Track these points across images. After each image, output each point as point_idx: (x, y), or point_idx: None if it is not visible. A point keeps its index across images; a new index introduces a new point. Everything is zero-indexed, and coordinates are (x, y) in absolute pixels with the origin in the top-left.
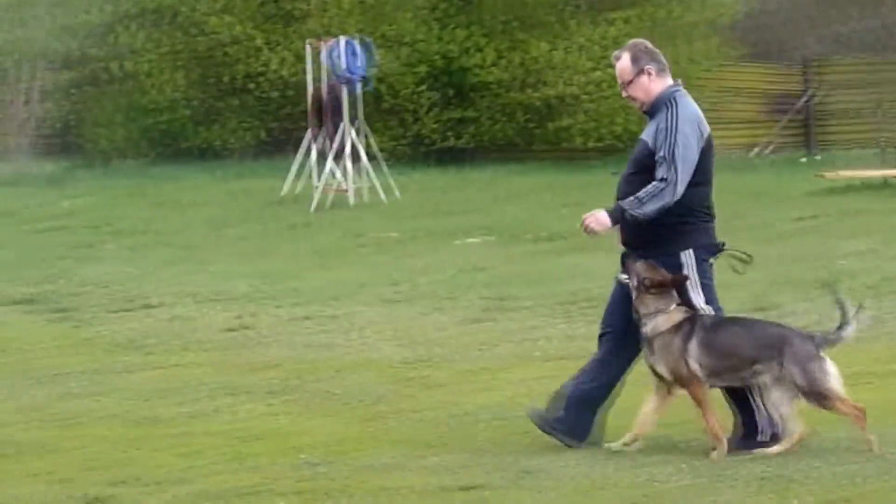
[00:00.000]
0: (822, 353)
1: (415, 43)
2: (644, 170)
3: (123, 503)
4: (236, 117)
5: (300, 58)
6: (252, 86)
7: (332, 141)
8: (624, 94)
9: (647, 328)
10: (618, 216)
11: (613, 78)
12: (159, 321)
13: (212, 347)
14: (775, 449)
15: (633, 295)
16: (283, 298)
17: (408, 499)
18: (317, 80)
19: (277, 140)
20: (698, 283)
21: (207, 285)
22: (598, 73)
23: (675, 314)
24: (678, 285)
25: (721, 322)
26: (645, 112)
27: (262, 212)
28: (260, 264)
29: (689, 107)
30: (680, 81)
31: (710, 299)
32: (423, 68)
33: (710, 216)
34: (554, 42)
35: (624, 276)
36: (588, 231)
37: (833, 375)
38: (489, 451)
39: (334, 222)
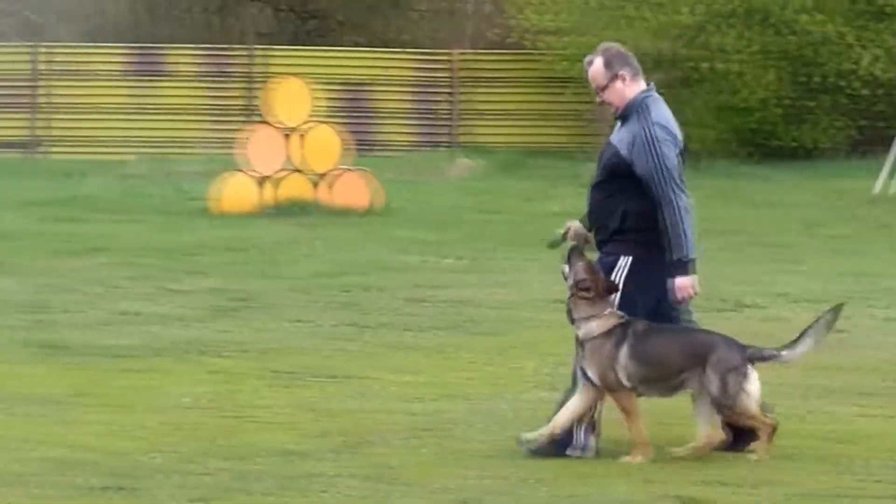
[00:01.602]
0: (748, 366)
1: None
2: (614, 177)
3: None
4: (827, 116)
5: (892, 55)
6: (843, 84)
7: None
8: (598, 99)
9: (580, 332)
10: (686, 266)
11: None
12: (751, 321)
13: None
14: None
15: (568, 295)
16: (879, 299)
17: None
18: None
19: (869, 139)
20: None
21: (800, 285)
22: None
23: (609, 319)
24: (610, 293)
25: (653, 330)
26: (618, 118)
27: (854, 211)
28: (854, 264)
29: (662, 112)
30: (653, 85)
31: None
32: None
33: None
34: None
35: (565, 268)
36: (691, 297)
37: (748, 392)
38: None
39: None
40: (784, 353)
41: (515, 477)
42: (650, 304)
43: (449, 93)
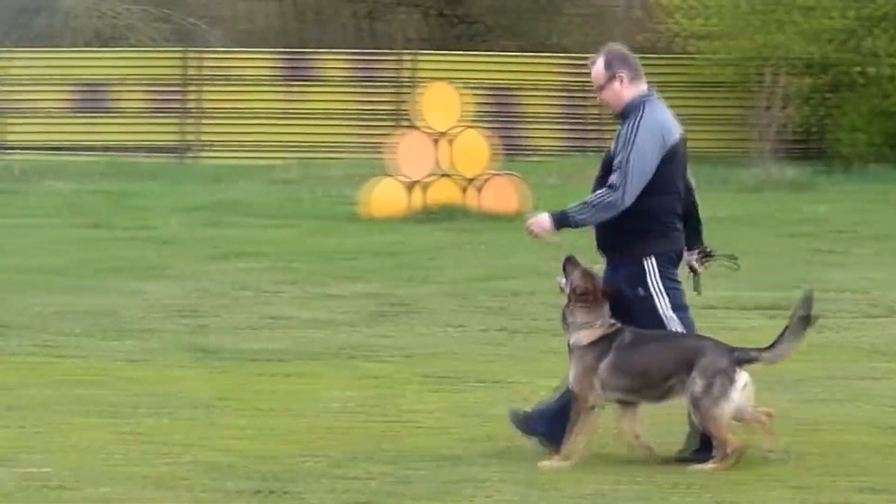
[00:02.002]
0: (735, 371)
1: None
2: (608, 173)
3: None
4: None
5: None
6: None
7: None
8: (599, 98)
9: (572, 339)
10: (561, 221)
11: None
12: None
13: None
14: (709, 466)
15: (564, 302)
16: None
17: None
18: None
19: None
20: (663, 291)
21: None
22: None
23: (598, 330)
24: (609, 298)
25: (639, 340)
26: (617, 117)
27: None
28: None
29: (656, 115)
30: (653, 88)
31: (676, 305)
32: None
33: (676, 224)
34: None
35: (561, 280)
36: (531, 235)
37: (730, 398)
38: None
39: None
40: (766, 354)
41: (667, 483)
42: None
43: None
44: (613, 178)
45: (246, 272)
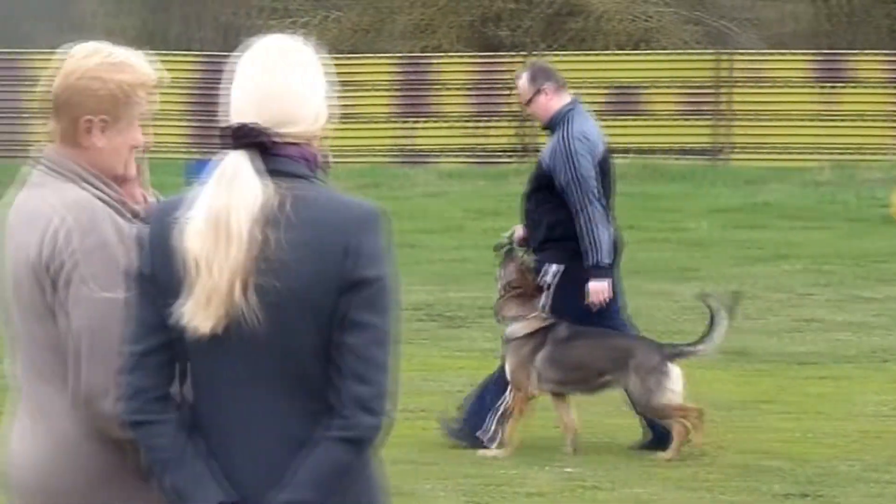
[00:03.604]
0: (666, 366)
1: None
2: (539, 188)
3: None
4: None
5: None
6: None
7: None
8: (528, 111)
9: (507, 331)
10: (601, 271)
11: None
12: None
13: None
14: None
15: (498, 296)
16: None
17: None
18: None
19: None
20: (551, 294)
21: None
22: None
23: (533, 322)
24: (539, 293)
25: (573, 334)
26: (544, 129)
27: None
28: None
29: (582, 124)
30: (576, 99)
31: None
32: None
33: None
34: None
35: (500, 271)
36: (604, 301)
37: (669, 390)
38: None
39: None
40: (700, 347)
41: None
42: (582, 309)
43: None
44: (572, 202)
45: (777, 275)
